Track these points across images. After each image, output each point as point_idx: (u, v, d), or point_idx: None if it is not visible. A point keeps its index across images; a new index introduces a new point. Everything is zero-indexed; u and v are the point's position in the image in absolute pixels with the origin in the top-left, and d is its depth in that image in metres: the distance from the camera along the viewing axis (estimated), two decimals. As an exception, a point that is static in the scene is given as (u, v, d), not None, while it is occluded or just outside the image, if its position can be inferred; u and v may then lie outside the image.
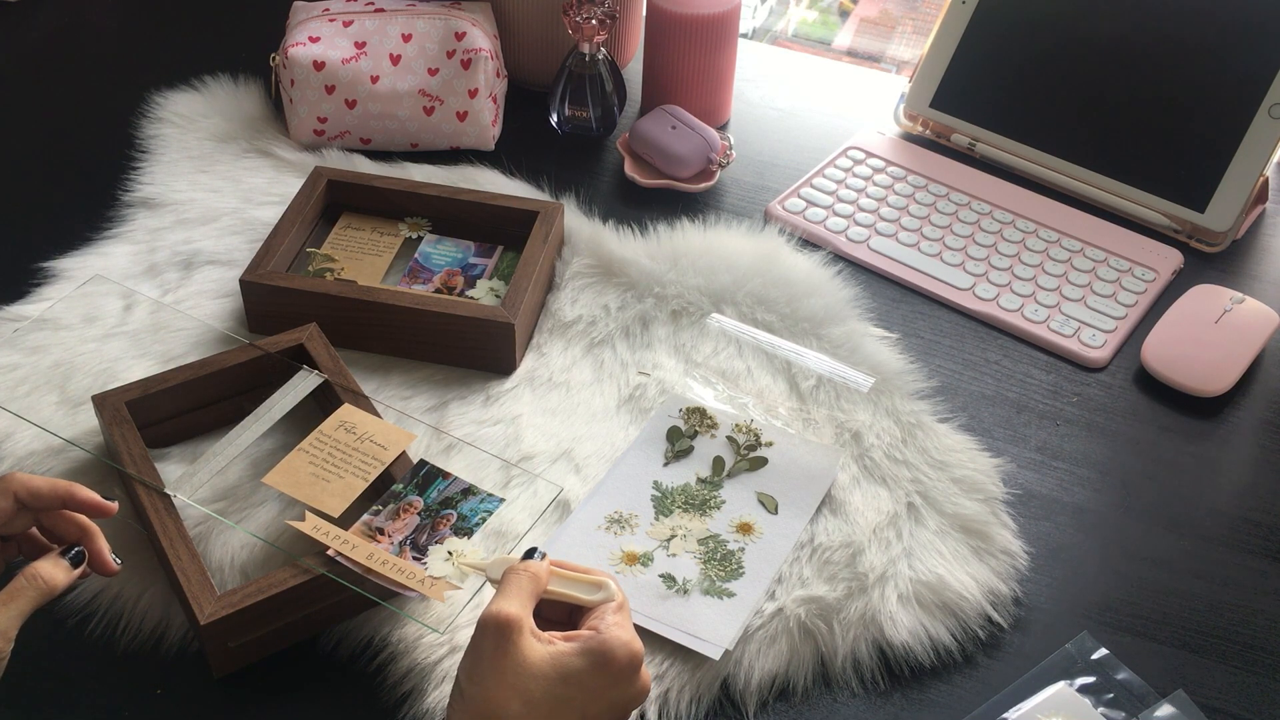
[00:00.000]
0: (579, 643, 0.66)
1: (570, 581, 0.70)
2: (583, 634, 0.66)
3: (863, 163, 1.22)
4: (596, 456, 0.92)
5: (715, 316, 1.02)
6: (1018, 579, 0.85)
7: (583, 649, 0.65)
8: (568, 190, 1.16)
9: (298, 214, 1.05)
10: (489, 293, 1.02)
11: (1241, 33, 1.12)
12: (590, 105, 1.22)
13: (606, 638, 0.66)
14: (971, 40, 1.23)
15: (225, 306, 1.03)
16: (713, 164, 1.18)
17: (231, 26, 1.40)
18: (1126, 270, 1.10)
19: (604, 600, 0.69)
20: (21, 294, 1.03)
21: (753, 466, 0.91)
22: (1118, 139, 1.17)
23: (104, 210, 1.13)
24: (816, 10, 1.68)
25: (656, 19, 1.21)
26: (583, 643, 0.66)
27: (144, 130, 1.22)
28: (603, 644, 0.66)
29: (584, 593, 0.70)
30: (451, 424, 0.93)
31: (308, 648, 0.80)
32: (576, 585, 0.70)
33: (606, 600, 0.69)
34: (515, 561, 0.70)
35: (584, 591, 0.70)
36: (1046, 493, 0.92)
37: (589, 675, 0.65)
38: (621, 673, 0.66)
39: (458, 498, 0.82)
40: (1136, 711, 0.77)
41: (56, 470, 0.88)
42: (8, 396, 0.93)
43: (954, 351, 1.04)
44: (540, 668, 0.64)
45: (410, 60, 1.17)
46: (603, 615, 0.68)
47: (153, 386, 0.89)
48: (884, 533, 0.86)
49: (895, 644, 0.80)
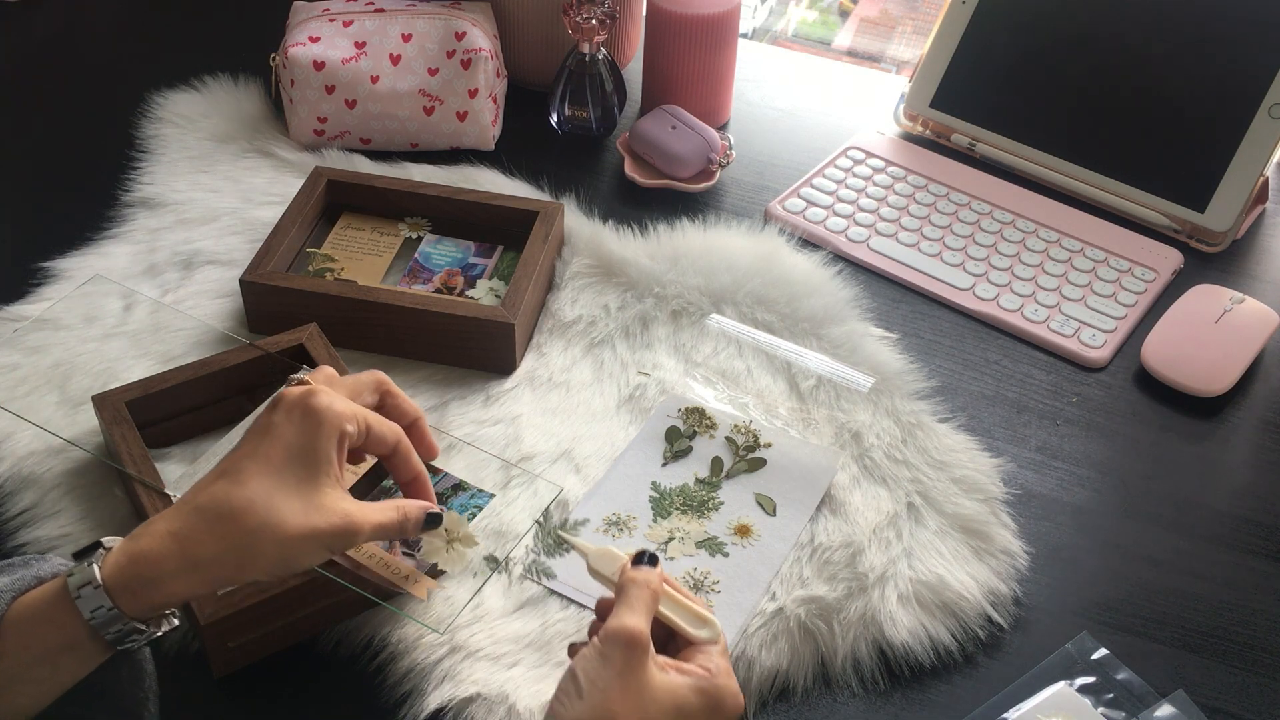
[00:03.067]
0: (695, 679, 0.65)
1: (678, 608, 0.69)
2: (697, 671, 0.66)
3: (863, 163, 1.22)
4: (596, 456, 0.92)
5: (715, 317, 1.02)
6: (1018, 579, 0.85)
7: (698, 687, 0.65)
8: (568, 190, 1.16)
9: (298, 214, 1.05)
10: (489, 293, 1.02)
11: (1241, 33, 1.12)
12: (590, 105, 1.22)
13: (720, 684, 0.66)
14: (971, 40, 1.23)
15: (225, 306, 1.03)
16: (713, 164, 1.18)
17: (231, 26, 1.40)
18: (1126, 270, 1.10)
19: (709, 640, 0.68)
20: (21, 294, 1.03)
21: (751, 468, 0.91)
22: (1118, 139, 1.17)
23: (104, 210, 1.13)
24: (816, 10, 1.68)
25: (656, 19, 1.21)
26: (698, 680, 0.65)
27: (144, 130, 1.22)
28: (718, 690, 0.65)
29: (691, 625, 0.69)
30: (451, 424, 0.93)
31: (308, 648, 0.80)
32: (683, 614, 0.69)
33: (711, 641, 0.68)
34: (620, 557, 0.70)
35: (690, 624, 0.69)
36: (1046, 493, 0.92)
37: (699, 715, 0.65)
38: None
39: (448, 493, 0.83)
40: (1136, 711, 0.77)
41: (56, 470, 0.88)
42: (8, 396, 0.93)
43: (954, 351, 1.04)
44: (660, 694, 0.64)
45: (410, 60, 1.17)
46: (711, 656, 0.67)
47: (153, 386, 0.89)
48: (884, 533, 0.86)
49: (895, 644, 0.80)
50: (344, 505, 0.66)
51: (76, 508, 0.86)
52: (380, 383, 0.73)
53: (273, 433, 0.66)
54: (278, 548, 0.63)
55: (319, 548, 0.65)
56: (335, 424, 0.66)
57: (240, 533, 0.63)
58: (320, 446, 0.65)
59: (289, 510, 0.64)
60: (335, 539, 0.65)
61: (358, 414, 0.69)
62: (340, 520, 0.65)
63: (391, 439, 0.71)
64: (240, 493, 0.63)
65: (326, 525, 0.65)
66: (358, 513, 0.66)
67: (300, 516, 0.64)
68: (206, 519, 0.63)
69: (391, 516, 0.69)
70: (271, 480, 0.64)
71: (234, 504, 0.63)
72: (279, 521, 0.63)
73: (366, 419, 0.69)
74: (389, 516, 0.69)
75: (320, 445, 0.65)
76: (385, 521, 0.68)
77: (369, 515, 0.67)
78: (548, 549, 0.81)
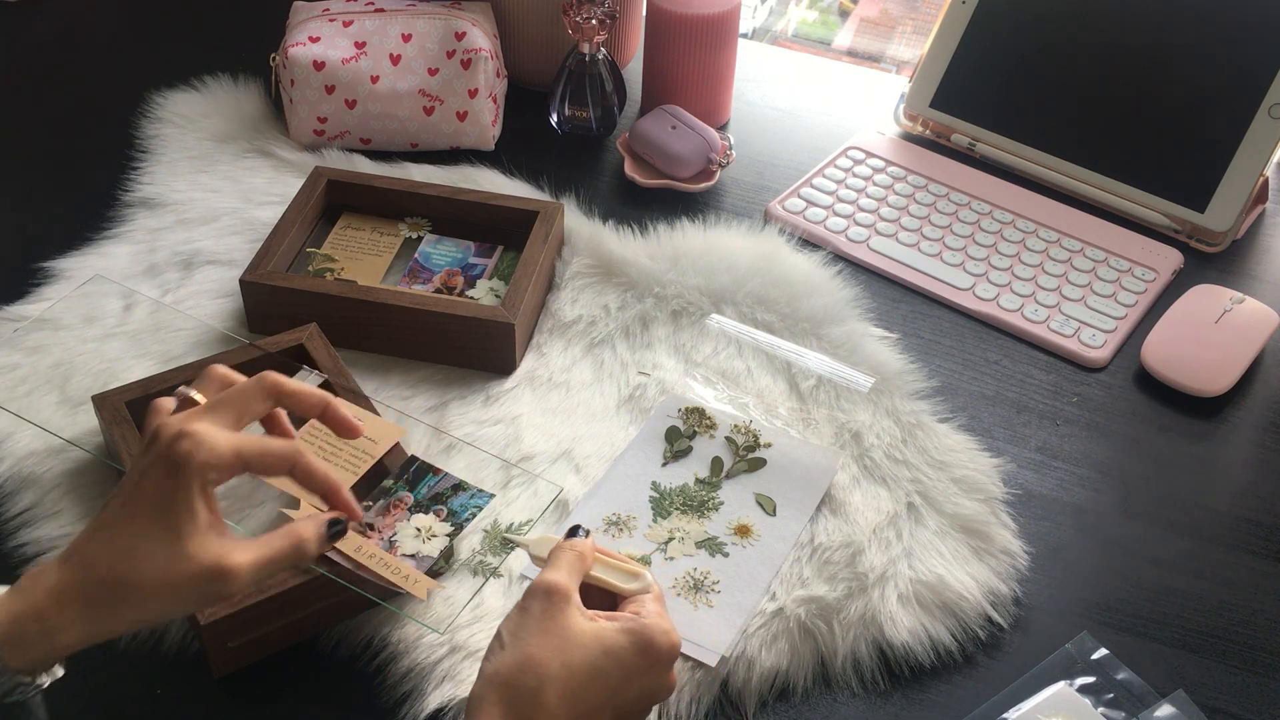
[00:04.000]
0: (622, 623, 0.68)
1: (609, 569, 0.72)
2: (626, 615, 0.69)
3: (863, 163, 1.22)
4: (596, 456, 0.92)
5: (715, 317, 1.02)
6: (1018, 579, 0.85)
7: (625, 629, 0.67)
8: (568, 190, 1.16)
9: (298, 214, 1.05)
10: (489, 293, 1.02)
11: (1241, 33, 1.12)
12: (590, 105, 1.22)
13: (649, 623, 0.68)
14: (971, 40, 1.23)
15: (225, 306, 1.03)
16: (713, 164, 1.18)
17: (231, 26, 1.40)
18: (1126, 270, 1.10)
19: (640, 590, 0.71)
20: (21, 294, 1.03)
21: (751, 468, 0.91)
22: (1118, 139, 1.17)
23: (104, 210, 1.13)
24: (816, 10, 1.68)
25: (656, 19, 1.21)
26: (625, 623, 0.68)
27: (144, 130, 1.22)
28: (645, 628, 0.68)
29: (621, 581, 0.72)
30: (451, 424, 0.93)
31: (308, 648, 0.80)
32: (615, 573, 0.72)
33: (643, 591, 0.71)
34: (559, 540, 0.73)
35: (621, 580, 0.72)
36: (1046, 493, 0.92)
37: (629, 655, 0.67)
38: (659, 661, 0.68)
39: (447, 493, 0.83)
40: (1136, 711, 0.77)
41: (56, 470, 0.88)
42: (8, 396, 0.93)
43: (954, 351, 1.04)
44: (583, 638, 0.66)
45: (410, 60, 1.17)
46: (643, 602, 0.70)
47: (153, 386, 0.89)
48: (884, 533, 0.86)
49: (895, 644, 0.80)
50: (214, 551, 0.63)
51: (76, 508, 0.86)
52: (271, 387, 0.67)
53: (139, 484, 0.63)
54: (146, 603, 0.62)
55: (190, 598, 0.63)
56: (198, 474, 0.62)
57: (112, 589, 0.62)
58: (180, 500, 0.62)
59: (152, 565, 0.62)
60: (206, 587, 0.63)
61: (231, 454, 0.63)
62: (207, 567, 0.62)
63: (285, 463, 0.66)
64: (107, 550, 0.62)
65: (191, 574, 0.62)
66: (232, 555, 0.63)
67: (164, 570, 0.62)
68: (81, 575, 0.62)
69: (280, 546, 0.65)
70: (136, 534, 0.62)
71: (103, 560, 0.62)
72: (143, 577, 0.62)
73: (243, 454, 0.64)
74: (277, 547, 0.65)
75: (180, 499, 0.62)
76: (272, 555, 0.65)
77: (248, 554, 0.64)
78: (494, 550, 0.83)
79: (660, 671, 0.69)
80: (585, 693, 0.65)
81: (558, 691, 0.64)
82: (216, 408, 0.66)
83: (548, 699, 0.64)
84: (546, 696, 0.64)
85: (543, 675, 0.64)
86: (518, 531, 0.83)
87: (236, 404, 0.66)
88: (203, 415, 0.65)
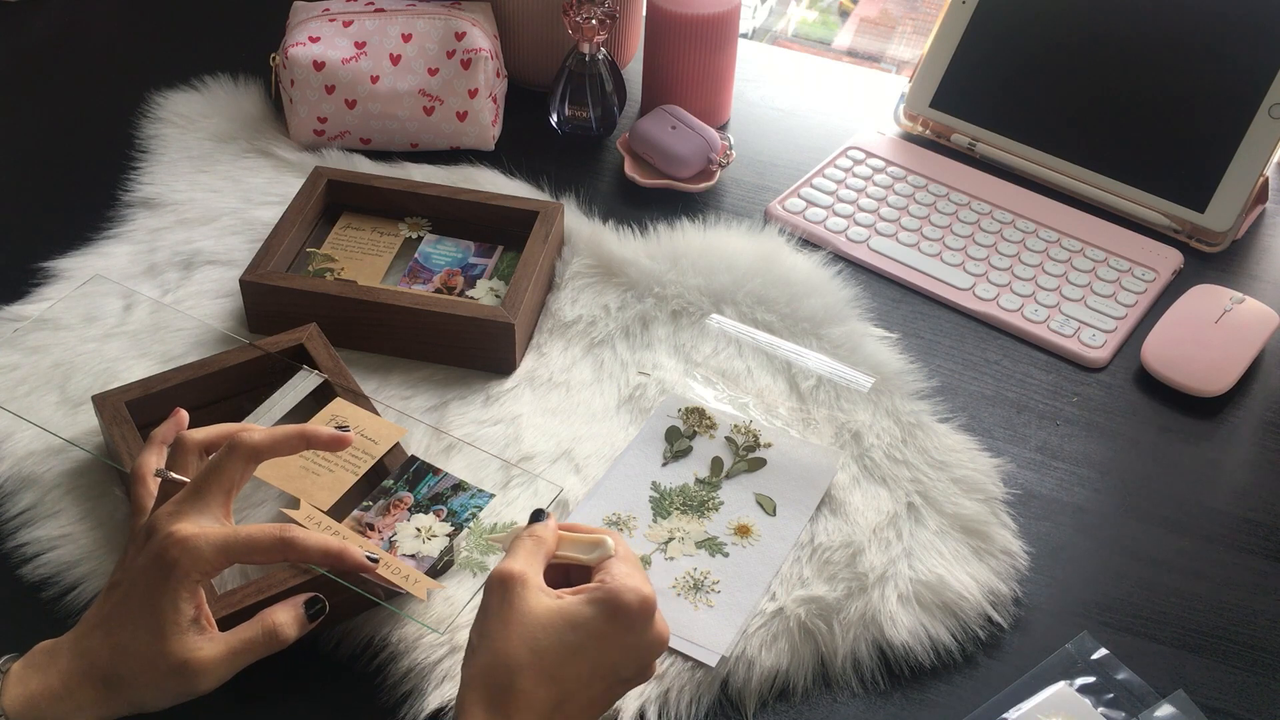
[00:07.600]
0: (586, 594, 0.67)
1: (573, 544, 0.72)
2: (592, 585, 0.68)
3: (863, 163, 1.22)
4: (596, 456, 0.92)
5: (715, 317, 1.02)
6: (1018, 579, 0.85)
7: (589, 599, 0.67)
8: (568, 190, 1.16)
9: (298, 214, 1.05)
10: (489, 293, 1.02)
11: (1241, 33, 1.12)
12: (590, 105, 1.22)
13: (613, 585, 0.67)
14: (971, 40, 1.23)
15: (225, 306, 1.03)
16: (713, 164, 1.18)
17: (231, 26, 1.40)
18: (1126, 270, 1.10)
19: (603, 557, 0.70)
20: (21, 294, 1.03)
21: (751, 468, 0.91)
22: (1117, 139, 1.17)
23: (104, 210, 1.13)
24: (816, 10, 1.68)
25: (656, 19, 1.21)
26: (590, 593, 0.67)
27: (144, 130, 1.22)
28: (609, 592, 0.67)
29: (582, 553, 0.71)
30: (451, 424, 0.93)
31: (308, 648, 0.80)
32: (578, 547, 0.71)
33: (605, 556, 0.70)
34: (518, 527, 0.73)
35: (582, 551, 0.71)
36: (1046, 493, 0.92)
37: (599, 623, 0.66)
38: (635, 619, 0.67)
39: (447, 493, 0.83)
40: (1136, 711, 0.77)
41: (56, 470, 0.88)
42: (8, 396, 0.93)
43: (954, 351, 1.04)
44: (547, 618, 0.66)
45: (410, 60, 1.17)
46: (608, 568, 0.69)
47: (153, 386, 0.89)
48: (884, 533, 0.86)
49: (895, 644, 0.80)
50: (188, 647, 0.66)
51: (76, 508, 0.86)
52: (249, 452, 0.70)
53: (135, 583, 0.66)
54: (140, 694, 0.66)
55: (170, 691, 0.67)
56: (185, 578, 0.66)
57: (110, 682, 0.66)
58: (167, 604, 0.65)
59: (140, 663, 0.66)
60: (178, 682, 0.66)
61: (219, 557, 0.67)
62: (177, 665, 0.66)
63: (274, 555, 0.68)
64: (107, 647, 0.66)
65: (165, 671, 0.66)
66: (202, 652, 0.66)
67: (148, 668, 0.66)
68: (87, 665, 0.66)
69: (250, 636, 0.69)
70: (130, 633, 0.66)
71: (103, 656, 0.66)
72: (132, 674, 0.66)
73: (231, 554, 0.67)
74: (246, 637, 0.68)
75: (167, 603, 0.65)
76: (244, 646, 0.68)
77: (217, 648, 0.67)
78: (482, 549, 0.82)
79: (640, 629, 0.67)
80: (562, 671, 0.65)
81: (532, 678, 0.64)
82: (203, 493, 0.69)
83: (524, 687, 0.64)
84: (522, 686, 0.64)
85: (513, 666, 0.64)
86: (499, 532, 0.83)
87: (221, 481, 0.69)
88: (191, 507, 0.68)
